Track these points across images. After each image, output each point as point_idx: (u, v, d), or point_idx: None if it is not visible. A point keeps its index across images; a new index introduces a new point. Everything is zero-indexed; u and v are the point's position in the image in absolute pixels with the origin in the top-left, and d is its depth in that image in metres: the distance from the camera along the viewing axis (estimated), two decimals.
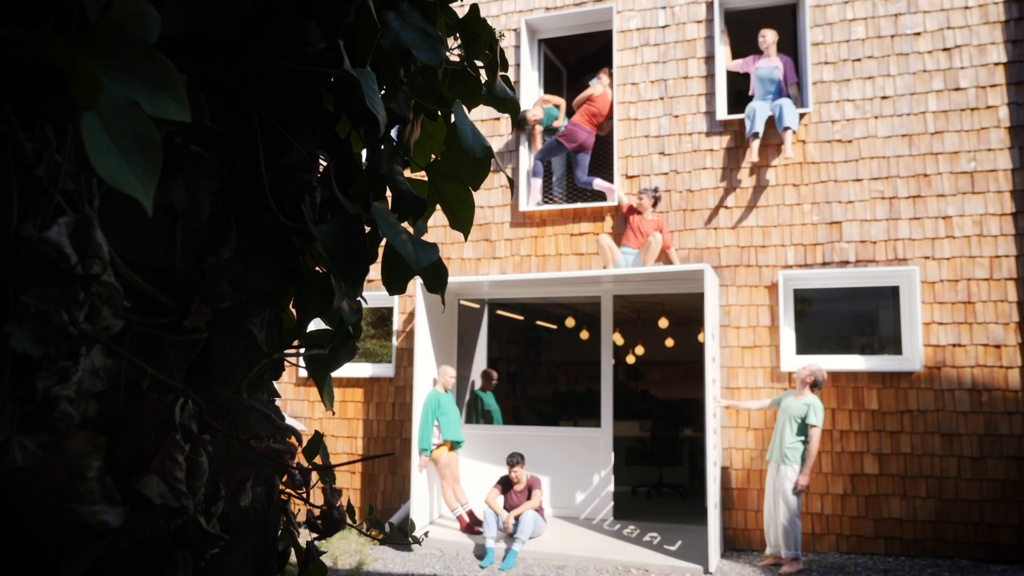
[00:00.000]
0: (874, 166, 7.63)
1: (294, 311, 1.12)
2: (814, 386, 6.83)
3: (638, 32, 8.55)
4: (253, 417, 0.88)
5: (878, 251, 7.54)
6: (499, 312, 10.48)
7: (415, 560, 7.47)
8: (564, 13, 8.81)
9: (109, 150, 0.55)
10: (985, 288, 7.23)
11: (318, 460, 1.11)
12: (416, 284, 8.29)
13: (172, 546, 0.79)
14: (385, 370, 8.93)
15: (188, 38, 0.85)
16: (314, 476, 1.06)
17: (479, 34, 1.60)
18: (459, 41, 1.64)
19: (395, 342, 8.89)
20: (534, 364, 13.70)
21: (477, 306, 9.58)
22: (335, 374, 7.28)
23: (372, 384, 8.94)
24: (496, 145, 8.90)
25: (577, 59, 10.79)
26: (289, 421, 8.67)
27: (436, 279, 0.96)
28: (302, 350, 1.14)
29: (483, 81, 1.58)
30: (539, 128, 8.85)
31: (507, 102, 1.24)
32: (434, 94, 1.02)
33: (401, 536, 1.10)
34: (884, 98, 7.70)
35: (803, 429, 6.71)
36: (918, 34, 7.67)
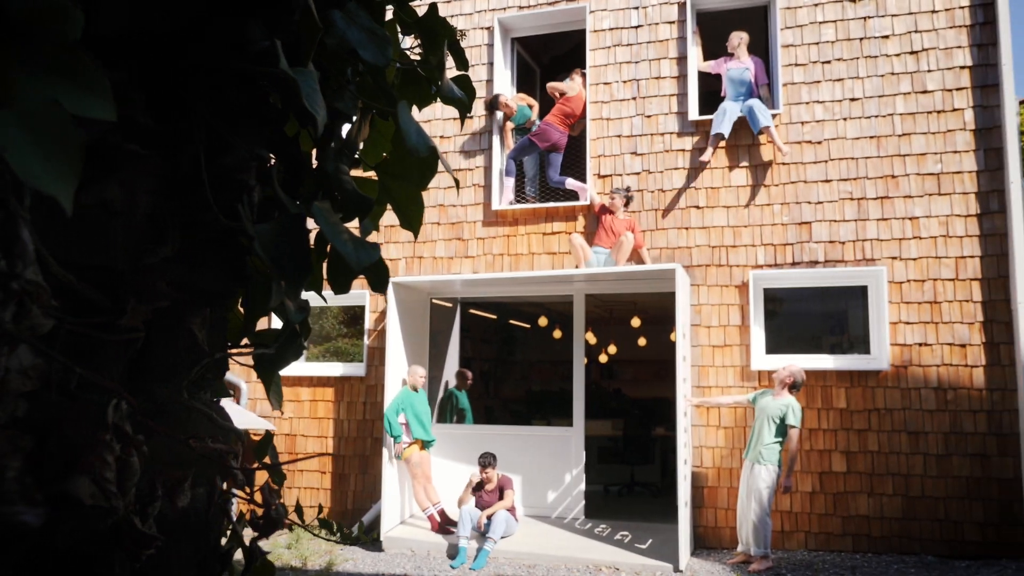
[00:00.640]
0: (843, 167, 7.72)
1: (243, 310, 1.12)
2: (793, 387, 6.89)
3: (611, 32, 8.58)
4: (194, 417, 0.87)
5: (847, 251, 7.63)
6: (472, 311, 10.47)
7: (386, 560, 7.45)
8: (537, 12, 8.83)
9: (26, 149, 0.55)
10: (951, 288, 7.34)
11: (268, 460, 1.11)
12: (388, 282, 8.26)
13: (108, 547, 0.78)
14: (356, 369, 8.89)
15: (128, 37, 0.84)
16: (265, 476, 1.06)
17: (437, 33, 1.60)
18: (419, 40, 1.64)
19: (366, 341, 8.86)
20: (507, 363, 13.70)
21: (450, 305, 9.57)
22: (306, 373, 7.27)
23: (343, 383, 8.89)
24: (468, 144, 8.89)
25: (550, 58, 10.81)
26: (258, 420, 8.62)
27: (378, 278, 0.96)
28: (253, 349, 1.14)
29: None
30: (510, 125, 8.86)
31: (458, 101, 1.23)
32: (382, 93, 1.01)
33: (349, 536, 1.09)
34: (853, 100, 7.79)
35: (781, 430, 6.77)
36: (886, 37, 7.77)
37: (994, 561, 6.88)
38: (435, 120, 9.02)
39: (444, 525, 7.94)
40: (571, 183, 8.46)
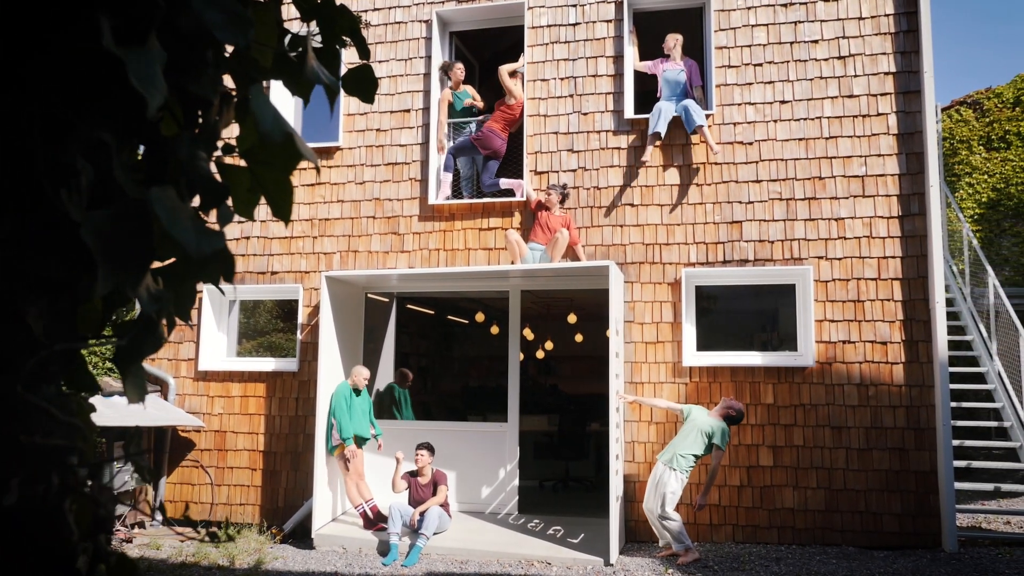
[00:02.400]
0: (773, 168, 7.89)
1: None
2: (729, 418, 7.01)
3: (548, 29, 8.60)
4: (33, 412, 0.83)
5: (775, 250, 7.79)
6: (409, 306, 10.39)
7: (316, 558, 7.35)
8: (475, 6, 8.79)
9: None
10: (873, 287, 7.57)
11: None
12: (321, 277, 8.15)
13: None
14: (289, 364, 8.75)
15: None
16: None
17: (335, 20, 1.56)
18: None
19: (299, 336, 8.71)
20: (445, 359, 13.65)
21: (386, 300, 9.48)
22: (237, 368, 7.10)
23: (275, 379, 8.74)
24: (404, 138, 8.81)
25: (491, 54, 10.78)
26: (186, 416, 8.41)
27: (224, 268, 0.93)
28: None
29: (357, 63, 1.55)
30: (448, 96, 8.83)
31: (326, 86, 1.20)
32: (245, 76, 0.98)
33: (215, 536, 1.06)
34: (783, 102, 7.96)
35: (706, 447, 6.89)
36: (815, 42, 7.96)
37: (910, 551, 7.12)
38: (371, 113, 8.91)
39: (376, 522, 7.87)
40: (505, 182, 8.46)
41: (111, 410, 7.55)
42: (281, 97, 9.26)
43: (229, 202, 1.03)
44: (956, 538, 7.11)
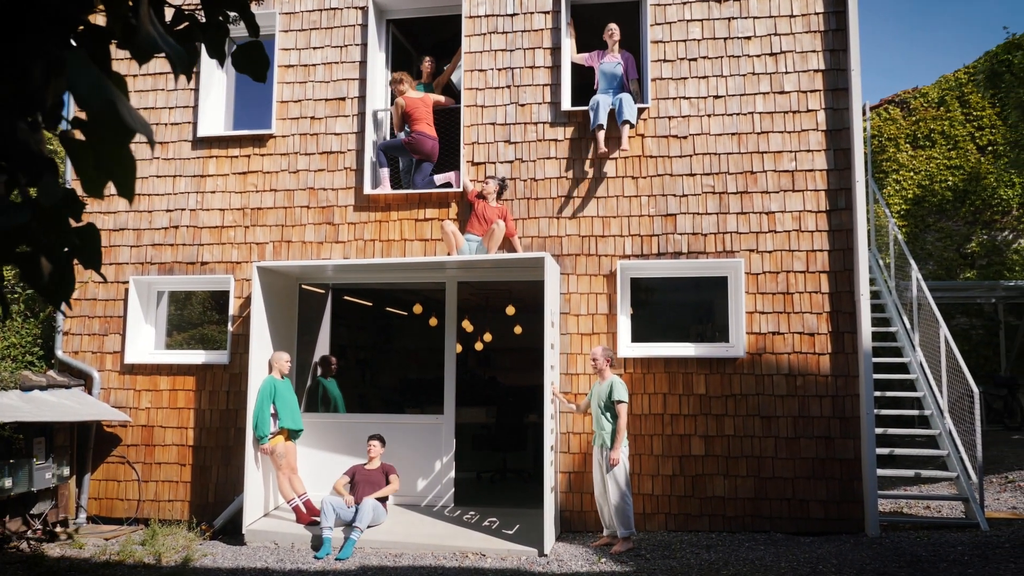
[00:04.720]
0: (706, 162, 8.00)
1: None
2: (612, 365, 7.24)
3: (487, 19, 8.55)
4: None
5: (708, 243, 7.91)
6: (346, 298, 10.25)
7: (247, 554, 7.20)
8: None
9: None
10: (802, 280, 7.74)
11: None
12: (253, 268, 7.97)
13: None
14: (219, 357, 8.54)
15: None
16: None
17: None
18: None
19: (230, 328, 8.52)
20: (383, 351, 13.51)
21: (321, 291, 9.32)
22: (165, 361, 6.88)
23: (205, 371, 8.53)
24: (340, 127, 8.66)
25: (432, 43, 10.66)
26: (111, 411, 8.16)
27: (86, 251, 0.87)
28: None
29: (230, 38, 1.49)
30: (442, 82, 8.81)
31: (172, 57, 1.13)
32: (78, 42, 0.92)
33: (55, 535, 0.99)
34: (717, 97, 8.07)
35: (611, 406, 6.99)
36: (748, 38, 8.08)
37: (835, 536, 7.32)
38: (305, 100, 8.74)
39: (310, 516, 7.76)
40: (440, 177, 8.41)
41: (30, 405, 7.28)
42: (218, 83, 9.03)
43: (73, 178, 0.97)
44: (878, 523, 7.34)
